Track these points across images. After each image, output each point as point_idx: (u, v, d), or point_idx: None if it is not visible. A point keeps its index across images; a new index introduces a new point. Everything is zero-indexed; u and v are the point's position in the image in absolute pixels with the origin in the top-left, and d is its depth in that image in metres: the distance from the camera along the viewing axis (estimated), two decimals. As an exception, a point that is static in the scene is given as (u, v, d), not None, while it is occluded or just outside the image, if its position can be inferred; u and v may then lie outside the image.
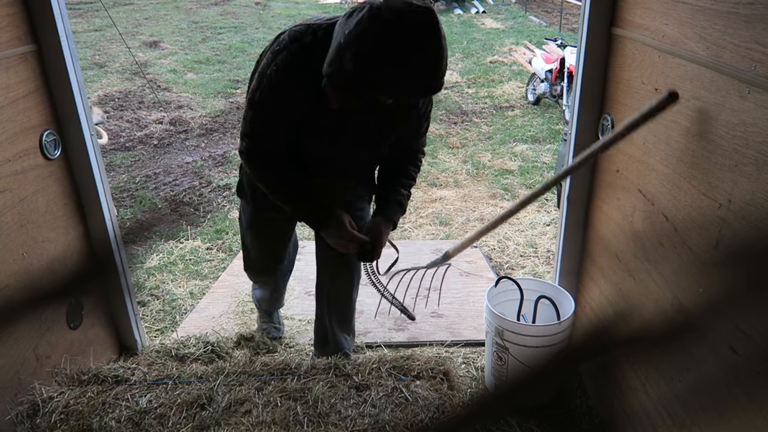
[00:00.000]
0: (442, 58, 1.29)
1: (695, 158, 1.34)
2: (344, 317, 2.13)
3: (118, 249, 2.18)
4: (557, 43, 7.00)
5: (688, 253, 1.37)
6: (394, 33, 1.24)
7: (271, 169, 1.65)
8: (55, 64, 1.85)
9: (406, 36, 1.24)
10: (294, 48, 1.45)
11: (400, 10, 1.24)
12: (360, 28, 1.25)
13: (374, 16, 1.24)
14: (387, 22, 1.24)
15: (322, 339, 2.16)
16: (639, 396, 1.61)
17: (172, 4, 15.02)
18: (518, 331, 1.84)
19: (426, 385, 1.93)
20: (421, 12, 1.25)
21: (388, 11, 1.24)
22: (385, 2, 1.25)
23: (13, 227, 1.75)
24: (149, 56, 9.24)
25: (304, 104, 1.49)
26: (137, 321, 2.33)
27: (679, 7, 1.39)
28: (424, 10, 1.25)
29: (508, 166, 5.00)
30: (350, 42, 1.26)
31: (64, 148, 1.96)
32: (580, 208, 2.04)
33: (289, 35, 1.48)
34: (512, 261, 3.39)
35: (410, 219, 4.05)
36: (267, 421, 1.73)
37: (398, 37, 1.24)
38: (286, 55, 1.45)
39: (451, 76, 8.46)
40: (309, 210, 1.69)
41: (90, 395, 1.87)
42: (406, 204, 1.83)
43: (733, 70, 1.19)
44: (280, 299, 2.51)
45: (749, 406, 1.13)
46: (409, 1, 1.25)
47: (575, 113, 1.92)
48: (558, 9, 13.02)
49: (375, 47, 1.25)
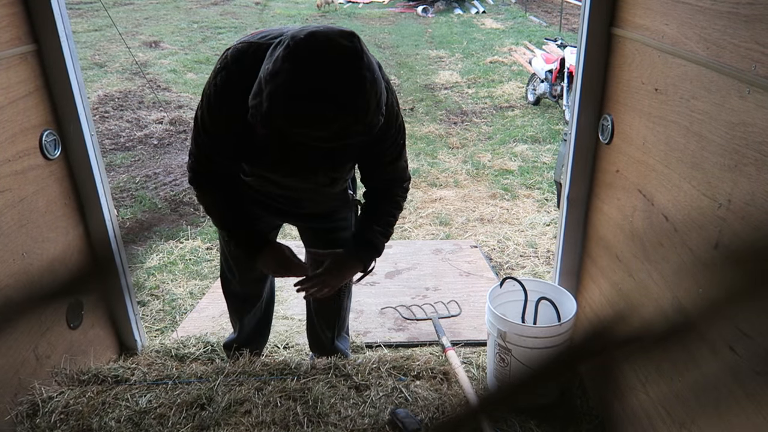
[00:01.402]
0: (361, 101, 1.19)
1: (695, 158, 1.34)
2: (332, 324, 2.11)
3: (118, 249, 2.18)
4: (557, 44, 7.00)
5: (688, 253, 1.37)
6: (307, 76, 1.16)
7: (209, 192, 1.62)
8: (55, 64, 1.85)
9: (320, 79, 1.16)
10: (232, 68, 1.40)
11: (315, 51, 1.17)
12: (276, 67, 1.19)
13: (289, 55, 1.17)
14: (300, 63, 1.17)
15: (316, 343, 2.18)
16: (639, 396, 1.61)
17: (172, 4, 15.02)
18: (521, 333, 1.84)
19: (426, 385, 1.93)
20: (337, 53, 1.17)
21: (305, 50, 1.17)
22: (304, 39, 1.17)
23: (13, 227, 1.75)
24: (149, 56, 9.24)
25: (240, 127, 1.41)
26: (137, 321, 2.33)
27: (679, 7, 1.39)
28: (341, 50, 1.17)
29: (508, 166, 5.00)
30: (267, 80, 1.20)
31: (64, 148, 1.96)
32: (580, 208, 2.04)
33: (231, 54, 1.42)
34: (512, 261, 3.39)
35: (410, 219, 4.05)
36: (267, 421, 1.73)
37: (311, 81, 1.16)
38: (224, 76, 1.41)
39: (452, 76, 8.46)
40: (242, 236, 1.65)
41: (90, 395, 1.87)
42: (383, 244, 1.68)
43: (733, 70, 1.19)
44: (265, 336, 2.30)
45: (749, 406, 1.13)
46: (330, 38, 1.18)
47: (575, 113, 1.92)
48: (558, 9, 13.02)
49: (288, 90, 1.17)
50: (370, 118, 1.21)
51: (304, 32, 1.18)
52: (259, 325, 2.19)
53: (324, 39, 1.17)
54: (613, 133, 1.79)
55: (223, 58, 1.43)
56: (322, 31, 1.18)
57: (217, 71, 1.43)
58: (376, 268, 2.02)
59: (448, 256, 3.27)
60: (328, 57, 1.16)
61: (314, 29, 1.19)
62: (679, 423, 1.39)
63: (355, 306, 2.76)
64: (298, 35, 1.18)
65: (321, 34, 1.18)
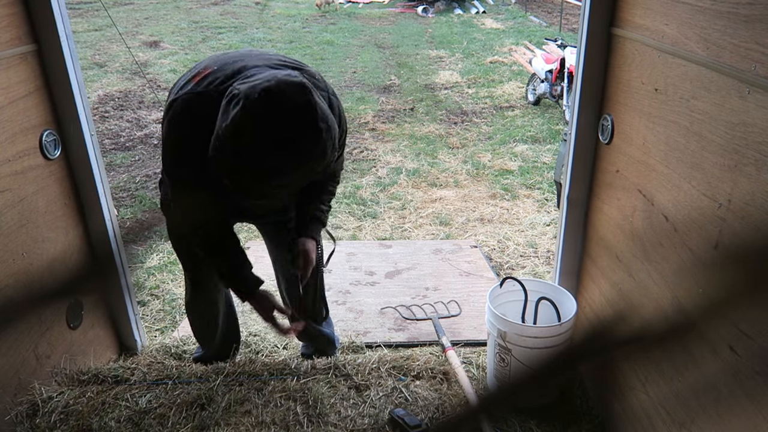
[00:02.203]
0: (320, 148, 1.27)
1: (695, 158, 1.34)
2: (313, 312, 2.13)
3: (118, 249, 2.18)
4: (557, 44, 7.00)
5: (688, 253, 1.37)
6: (268, 134, 1.22)
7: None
8: (55, 64, 1.85)
9: (280, 137, 1.23)
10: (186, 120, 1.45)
11: (273, 111, 1.22)
12: (235, 126, 1.22)
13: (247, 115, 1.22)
14: (260, 123, 1.22)
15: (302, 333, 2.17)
16: (639, 396, 1.61)
17: (172, 4, 15.02)
18: (521, 333, 1.84)
19: (426, 385, 1.93)
20: (293, 110, 1.23)
21: (261, 109, 1.21)
22: (259, 98, 1.21)
23: (13, 227, 1.75)
24: (149, 56, 9.24)
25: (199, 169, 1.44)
26: (137, 321, 2.33)
27: (679, 8, 1.39)
28: (296, 106, 1.23)
29: (508, 166, 5.00)
30: (227, 137, 1.24)
31: (64, 148, 1.96)
32: (580, 208, 2.04)
33: (180, 106, 1.44)
34: (512, 261, 3.39)
35: (410, 219, 4.05)
36: (267, 421, 1.73)
37: (273, 139, 1.22)
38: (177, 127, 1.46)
39: (452, 76, 8.46)
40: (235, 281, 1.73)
41: (90, 395, 1.87)
42: (327, 217, 1.85)
43: (733, 70, 1.19)
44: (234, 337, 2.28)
45: (749, 406, 1.13)
46: (285, 95, 1.23)
47: (575, 113, 1.92)
48: (558, 9, 13.02)
49: (251, 150, 1.23)
50: (329, 159, 1.31)
51: (257, 89, 1.23)
52: (225, 337, 2.18)
53: (279, 97, 1.23)
54: (613, 133, 1.79)
55: (173, 111, 1.46)
56: (274, 87, 1.23)
57: (170, 124, 1.47)
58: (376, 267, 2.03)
59: (448, 256, 3.27)
60: (286, 115, 1.23)
61: (266, 84, 1.24)
62: (679, 423, 1.39)
63: (355, 306, 2.76)
64: (252, 93, 1.22)
65: (275, 90, 1.23)
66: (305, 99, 1.24)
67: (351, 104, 7.09)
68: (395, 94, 7.67)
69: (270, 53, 1.59)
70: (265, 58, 1.52)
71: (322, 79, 1.58)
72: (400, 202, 4.33)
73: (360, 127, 6.24)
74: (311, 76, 1.52)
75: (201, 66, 1.53)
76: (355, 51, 10.50)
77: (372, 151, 5.51)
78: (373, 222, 4.02)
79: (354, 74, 8.75)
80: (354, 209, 4.21)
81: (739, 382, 1.16)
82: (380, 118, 6.59)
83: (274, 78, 1.26)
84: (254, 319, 2.64)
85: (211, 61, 1.52)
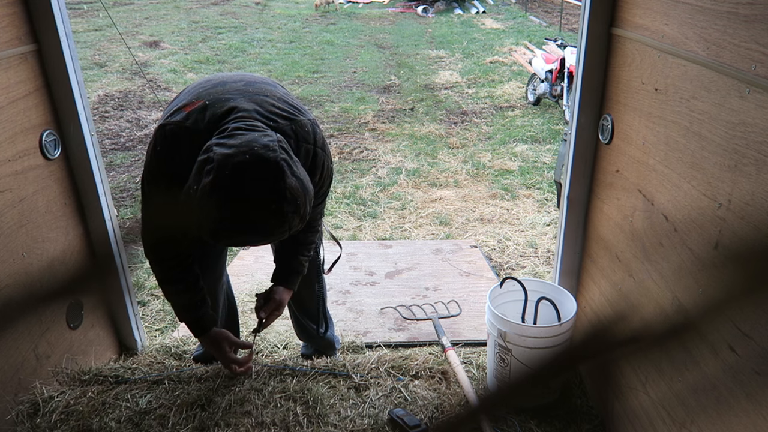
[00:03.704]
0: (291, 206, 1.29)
1: (695, 158, 1.34)
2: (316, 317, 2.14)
3: (118, 249, 2.18)
4: (557, 44, 7.00)
5: (688, 253, 1.37)
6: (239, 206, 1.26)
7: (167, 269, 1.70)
8: (55, 64, 1.85)
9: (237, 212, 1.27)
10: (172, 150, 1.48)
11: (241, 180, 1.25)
12: (205, 196, 1.26)
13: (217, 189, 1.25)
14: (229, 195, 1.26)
15: (304, 333, 2.21)
16: (639, 396, 1.61)
17: (172, 4, 15.02)
18: (521, 333, 1.84)
19: (425, 385, 1.93)
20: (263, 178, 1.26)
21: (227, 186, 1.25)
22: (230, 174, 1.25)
23: (13, 227, 1.75)
24: (149, 56, 9.24)
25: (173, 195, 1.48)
26: (137, 321, 2.33)
27: (679, 7, 1.39)
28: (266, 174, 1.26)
29: (508, 166, 5.00)
30: (193, 194, 1.28)
31: (64, 148, 1.96)
32: (580, 208, 2.04)
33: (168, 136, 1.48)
34: (512, 261, 3.39)
35: (410, 219, 4.05)
36: (267, 421, 1.73)
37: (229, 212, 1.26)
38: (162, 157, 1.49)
39: (452, 76, 8.47)
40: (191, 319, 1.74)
41: (90, 395, 1.87)
42: (305, 267, 1.85)
43: (733, 70, 1.19)
44: None
45: (749, 406, 1.13)
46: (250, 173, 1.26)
47: (575, 113, 1.92)
48: (558, 9, 13.02)
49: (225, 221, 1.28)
50: (303, 212, 1.33)
51: (230, 163, 1.25)
52: None
53: (250, 176, 1.25)
54: (613, 133, 1.79)
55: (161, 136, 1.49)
56: (247, 164, 1.26)
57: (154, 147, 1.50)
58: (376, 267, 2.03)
59: (448, 256, 3.27)
60: (253, 196, 1.26)
61: (239, 160, 1.26)
62: (679, 423, 1.39)
63: (355, 306, 2.76)
64: (225, 167, 1.25)
65: (246, 169, 1.26)
66: (274, 185, 1.26)
67: (351, 104, 7.09)
68: (395, 94, 7.67)
69: (266, 88, 1.58)
70: (259, 101, 1.51)
71: (312, 129, 1.57)
72: (400, 202, 4.33)
73: (360, 127, 6.25)
74: (301, 128, 1.52)
75: (194, 94, 1.54)
76: (355, 51, 10.50)
77: (372, 151, 5.51)
78: (373, 222, 4.02)
79: (354, 74, 8.76)
80: (354, 209, 4.21)
81: (739, 382, 1.16)
82: (380, 118, 6.59)
83: (250, 151, 1.28)
84: (254, 319, 2.64)
85: (204, 92, 1.53)
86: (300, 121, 1.54)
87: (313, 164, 1.56)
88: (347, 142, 5.78)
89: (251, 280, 2.99)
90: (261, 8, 15.16)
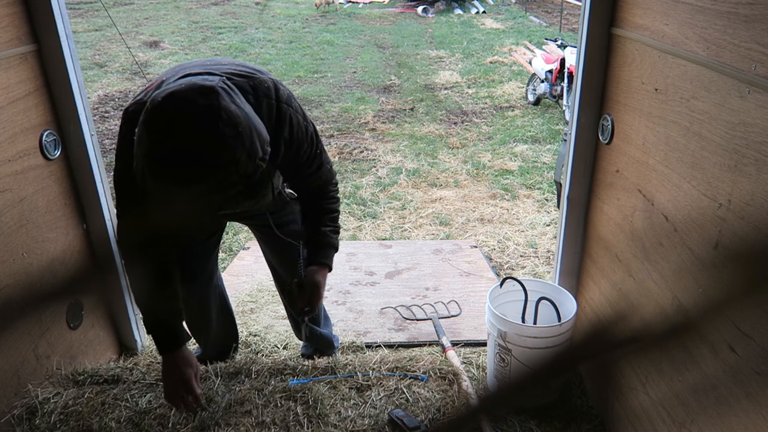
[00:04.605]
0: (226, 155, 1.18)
1: (695, 158, 1.34)
2: (315, 318, 2.14)
3: (118, 249, 2.18)
4: (557, 44, 7.00)
5: (688, 253, 1.37)
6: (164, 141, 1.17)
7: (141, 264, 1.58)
8: (55, 64, 1.85)
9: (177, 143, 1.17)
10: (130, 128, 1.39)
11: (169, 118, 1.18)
12: (139, 133, 1.20)
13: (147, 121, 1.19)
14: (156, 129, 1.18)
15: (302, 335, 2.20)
16: (639, 396, 1.61)
17: (172, 4, 15.03)
18: (521, 333, 1.84)
19: (427, 386, 1.93)
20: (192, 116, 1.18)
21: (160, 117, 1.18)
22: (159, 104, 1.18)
23: (13, 227, 1.75)
24: (149, 56, 9.24)
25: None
26: (137, 321, 2.33)
27: (679, 7, 1.39)
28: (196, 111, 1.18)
29: (508, 166, 5.00)
30: (136, 144, 1.22)
31: (64, 148, 1.96)
32: (580, 208, 2.04)
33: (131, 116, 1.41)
34: (512, 261, 3.39)
35: (410, 219, 4.05)
36: (267, 421, 1.73)
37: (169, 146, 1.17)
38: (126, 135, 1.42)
39: (452, 76, 8.47)
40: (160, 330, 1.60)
41: (89, 395, 1.87)
42: (336, 239, 1.77)
43: (733, 70, 1.19)
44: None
45: (749, 406, 1.13)
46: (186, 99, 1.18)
47: (575, 113, 1.92)
48: (558, 9, 13.02)
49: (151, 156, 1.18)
50: (243, 169, 1.21)
51: (161, 95, 1.19)
52: (221, 336, 2.18)
53: (180, 102, 1.18)
54: (613, 133, 1.79)
55: (122, 119, 1.45)
56: (177, 92, 1.19)
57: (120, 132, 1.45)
58: (376, 267, 2.04)
59: (448, 256, 3.27)
60: (184, 120, 1.17)
61: (171, 89, 1.20)
62: (679, 423, 1.39)
63: (355, 306, 2.76)
64: (155, 99, 1.19)
65: (176, 96, 1.19)
66: (208, 103, 1.18)
67: (351, 104, 7.09)
68: (395, 94, 7.67)
69: (229, 61, 1.52)
70: (215, 68, 1.43)
71: (274, 86, 1.49)
72: (400, 202, 4.34)
73: (360, 127, 6.25)
74: (260, 83, 1.45)
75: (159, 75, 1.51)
76: (355, 51, 10.50)
77: (372, 151, 5.51)
78: (373, 222, 4.02)
79: (354, 74, 8.76)
80: (354, 209, 4.21)
81: (739, 382, 1.16)
82: (380, 118, 6.59)
83: (185, 83, 1.22)
84: (254, 319, 2.64)
85: (169, 70, 1.50)
86: (259, 77, 1.47)
87: (279, 119, 1.47)
88: (347, 142, 5.78)
89: (251, 280, 2.99)
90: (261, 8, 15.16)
